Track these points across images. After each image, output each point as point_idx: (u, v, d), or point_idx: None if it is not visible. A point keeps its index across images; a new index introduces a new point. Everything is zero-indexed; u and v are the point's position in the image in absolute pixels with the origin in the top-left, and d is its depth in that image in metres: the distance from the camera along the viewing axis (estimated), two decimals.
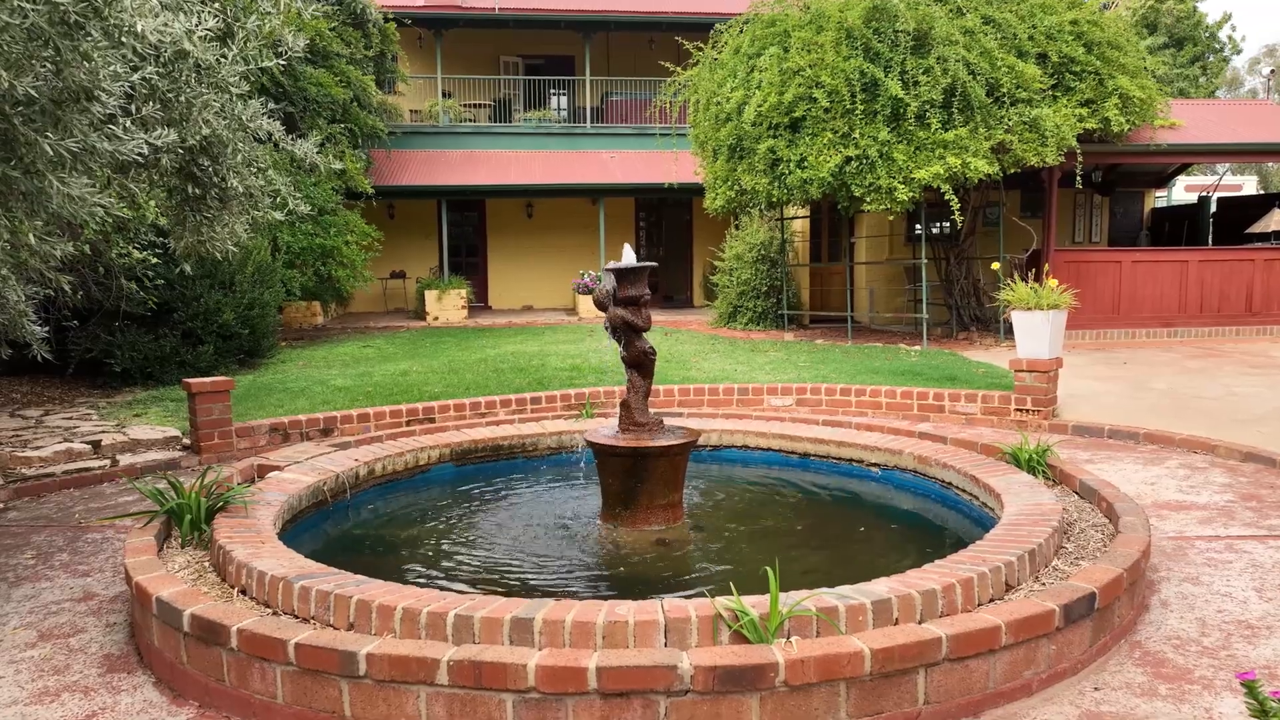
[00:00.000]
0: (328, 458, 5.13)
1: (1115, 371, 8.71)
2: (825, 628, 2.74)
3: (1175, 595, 3.51)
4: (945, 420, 6.98)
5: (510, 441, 5.86)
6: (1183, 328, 11.08)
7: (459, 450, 5.65)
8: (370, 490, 5.12)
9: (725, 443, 6.02)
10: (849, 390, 7.42)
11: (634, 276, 4.36)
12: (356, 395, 7.77)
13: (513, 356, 10.16)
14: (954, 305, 11.83)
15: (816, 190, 9.95)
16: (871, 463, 5.44)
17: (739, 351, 10.66)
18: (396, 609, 2.84)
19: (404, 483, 5.34)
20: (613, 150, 19.48)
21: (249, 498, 4.17)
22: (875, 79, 9.56)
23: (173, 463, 6.22)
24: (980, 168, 9.34)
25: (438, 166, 18.25)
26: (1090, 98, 9.98)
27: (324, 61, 14.72)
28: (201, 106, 5.08)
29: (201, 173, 5.54)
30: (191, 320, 9.38)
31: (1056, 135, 9.52)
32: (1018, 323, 6.60)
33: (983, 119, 9.54)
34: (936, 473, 4.96)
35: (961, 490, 4.73)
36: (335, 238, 12.85)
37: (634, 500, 4.31)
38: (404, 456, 5.37)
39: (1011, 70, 9.49)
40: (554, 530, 4.42)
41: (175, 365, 9.22)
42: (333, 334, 14.30)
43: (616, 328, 4.41)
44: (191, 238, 5.73)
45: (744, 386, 7.67)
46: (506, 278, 20.00)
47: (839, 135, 9.80)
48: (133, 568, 3.35)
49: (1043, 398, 6.57)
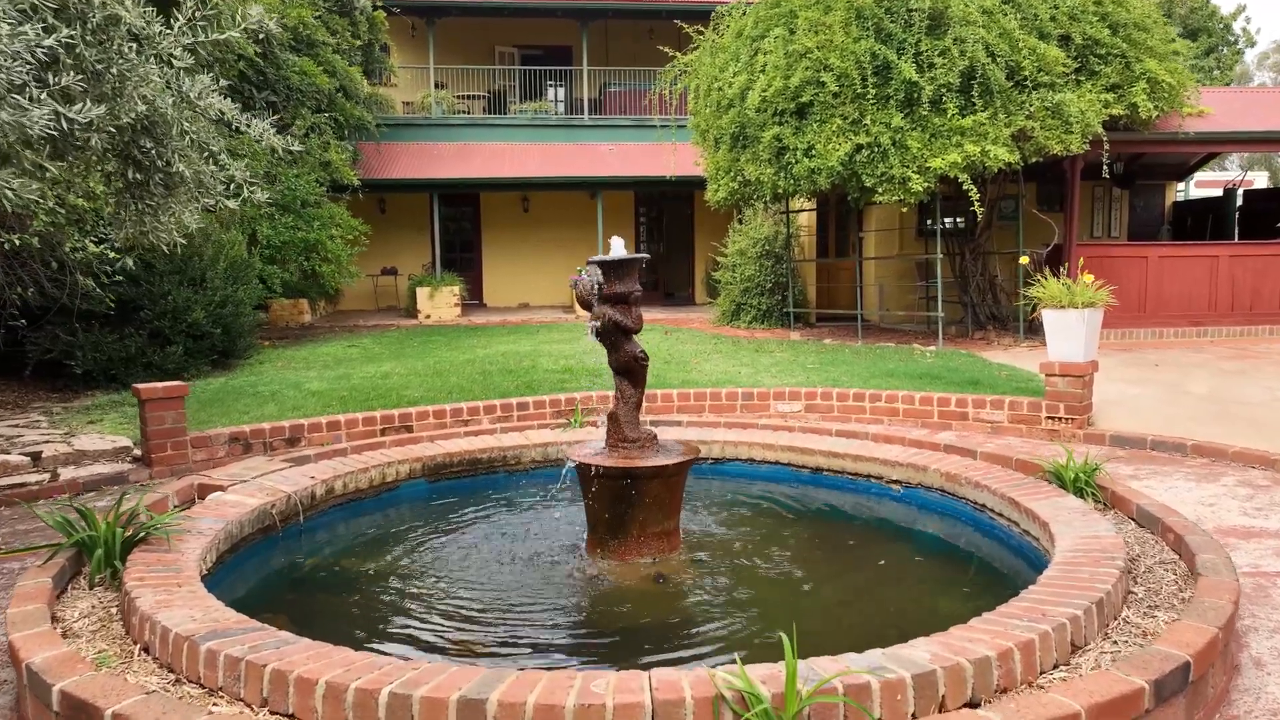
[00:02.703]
0: (281, 475, 4.56)
1: (1147, 374, 8.12)
2: (854, 715, 2.16)
3: (1269, 651, 2.93)
4: (969, 429, 6.39)
5: (490, 454, 5.29)
6: (1212, 327, 10.48)
7: (432, 465, 5.08)
8: (329, 512, 4.55)
9: (729, 455, 5.45)
10: (862, 395, 6.84)
11: (622, 270, 3.78)
12: (330, 400, 7.19)
13: (503, 357, 9.59)
14: (969, 303, 11.23)
15: (825, 181, 9.35)
16: (892, 479, 4.86)
17: (743, 352, 10.08)
18: (318, 683, 2.27)
19: (369, 502, 4.77)
20: (611, 142, 18.87)
21: (178, 526, 3.60)
22: (888, 61, 8.96)
23: (120, 476, 5.65)
24: (1001, 156, 8.75)
25: (430, 159, 17.66)
26: (1116, 82, 9.37)
27: (309, 50, 14.13)
28: (139, 80, 4.51)
29: (143, 155, 4.96)
30: (159, 319, 8.81)
31: (1081, 121, 8.91)
32: (1049, 322, 6.02)
33: (1002, 104, 8.94)
34: (968, 493, 4.38)
35: (998, 514, 4.15)
36: (319, 231, 12.26)
37: (624, 528, 3.74)
38: (369, 473, 4.80)
39: (1033, 52, 8.88)
40: (532, 564, 3.84)
41: (141, 367, 8.64)
42: (319, 333, 13.73)
43: (603, 329, 3.83)
44: (133, 228, 5.16)
45: (749, 391, 7.09)
46: (502, 274, 19.42)
47: (849, 122, 9.20)
48: (12, 620, 2.78)
49: (1077, 405, 5.99)
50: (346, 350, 11.23)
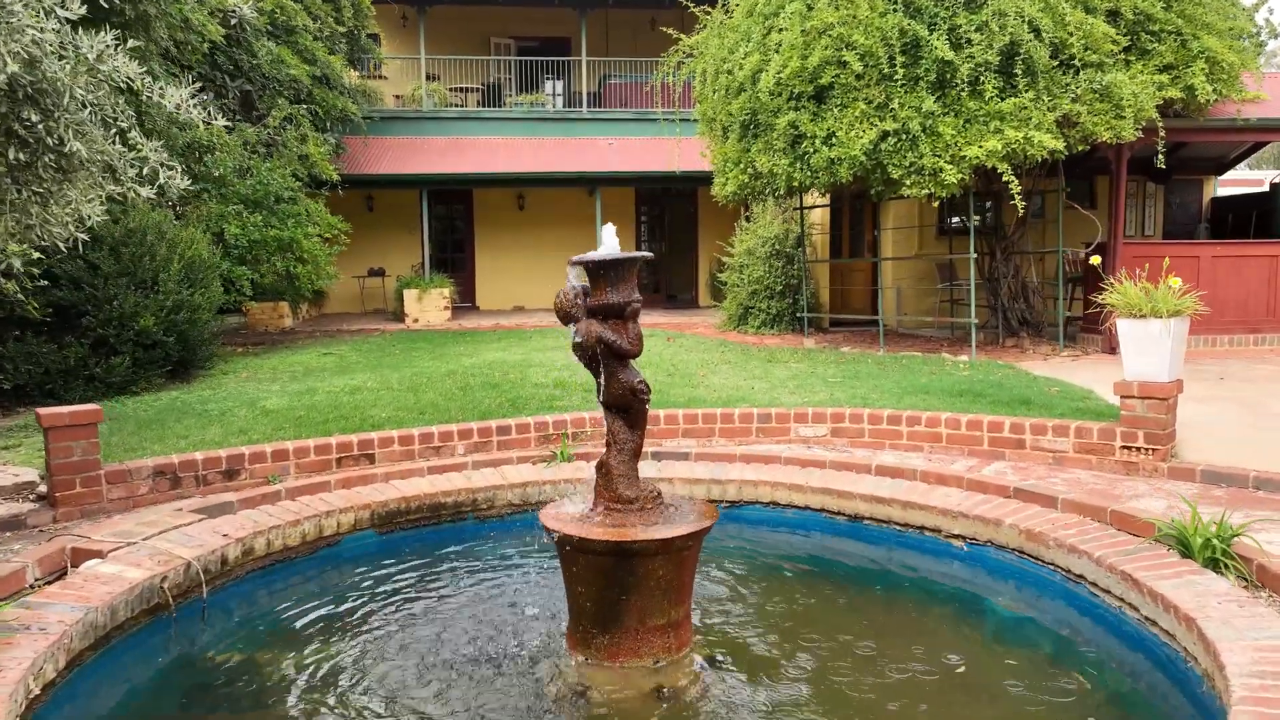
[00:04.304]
0: (184, 532, 3.61)
1: (1214, 390, 7.16)
2: None
3: None
4: (1026, 458, 5.44)
5: (456, 498, 4.34)
6: (1272, 334, 9.51)
7: (384, 513, 4.14)
8: (248, 580, 3.61)
9: (747, 497, 4.50)
10: (898, 418, 5.87)
11: (616, 273, 2.84)
12: (284, 422, 6.24)
13: (488, 368, 8.64)
14: (999, 307, 10.27)
15: (846, 172, 8.39)
16: (953, 533, 3.91)
17: (753, 362, 9.13)
18: None
19: (301, 563, 3.83)
20: (611, 137, 17.91)
21: (9, 622, 2.66)
22: (918, 38, 8.00)
23: (15, 521, 4.69)
24: (1045, 143, 7.78)
25: (420, 154, 16.71)
26: (1170, 62, 8.40)
27: (287, 36, 13.19)
28: (6, 33, 3.58)
29: (27, 131, 4.03)
30: (104, 326, 7.86)
31: (1134, 105, 7.95)
32: (1126, 334, 5.09)
33: (1046, 86, 7.98)
34: (1059, 559, 3.43)
35: (1104, 592, 3.19)
36: (294, 230, 11.31)
37: (616, 621, 2.79)
38: (300, 526, 3.86)
39: (1080, 28, 7.92)
40: (493, 667, 2.89)
41: (83, 380, 7.70)
42: (298, 338, 12.79)
43: (590, 352, 2.88)
44: (16, 221, 4.23)
45: (765, 411, 6.13)
46: (495, 275, 18.46)
47: (874, 106, 8.24)
48: None
49: (1159, 433, 5.03)
50: (321, 359, 10.29)
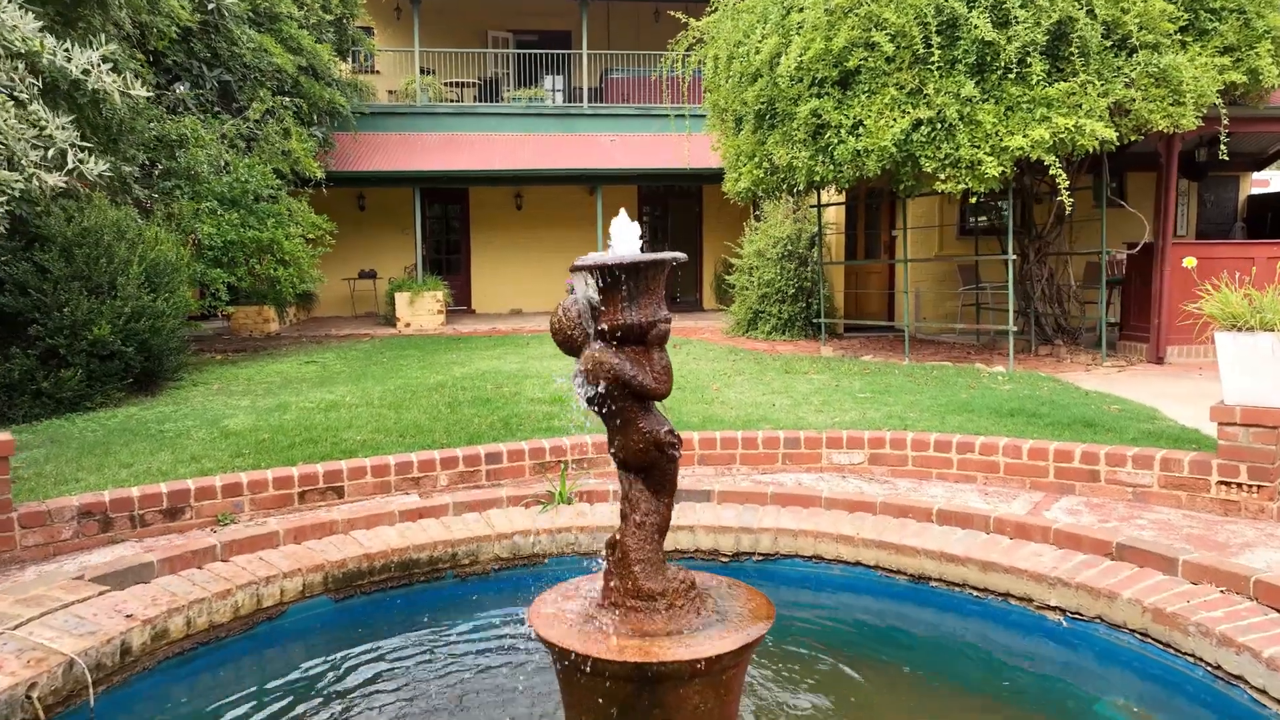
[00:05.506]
0: (73, 612, 2.83)
1: None
2: None
3: None
4: (1100, 493, 4.67)
5: (433, 553, 3.57)
6: None
7: (341, 575, 3.36)
8: (161, 669, 2.83)
9: (785, 549, 3.72)
10: (946, 444, 5.09)
11: (637, 281, 2.07)
12: (245, 446, 5.47)
13: (481, 380, 7.86)
14: (1032, 313, 9.50)
15: (875, 165, 7.62)
16: (1049, 604, 3.13)
17: (770, 372, 8.35)
18: None
19: (233, 645, 3.05)
20: (613, 133, 17.14)
21: None
22: (956, 16, 7.23)
23: None
24: (1097, 132, 7.01)
25: (414, 150, 15.93)
26: (1232, 43, 7.63)
27: (270, 24, 12.42)
28: None
29: None
30: (54, 335, 7.09)
31: (1195, 91, 7.18)
32: (1226, 350, 4.32)
33: (1097, 70, 7.21)
34: (1203, 651, 2.65)
35: (1276, 702, 2.42)
36: (274, 230, 10.53)
37: None
38: (232, 597, 3.07)
39: (1135, 5, 7.15)
40: None
41: (29, 396, 6.93)
42: (282, 344, 12.02)
43: (601, 390, 2.10)
44: None
45: (792, 435, 5.35)
46: (492, 277, 17.67)
47: (906, 92, 7.47)
48: None
49: (1267, 467, 4.26)
50: (302, 368, 9.51)
